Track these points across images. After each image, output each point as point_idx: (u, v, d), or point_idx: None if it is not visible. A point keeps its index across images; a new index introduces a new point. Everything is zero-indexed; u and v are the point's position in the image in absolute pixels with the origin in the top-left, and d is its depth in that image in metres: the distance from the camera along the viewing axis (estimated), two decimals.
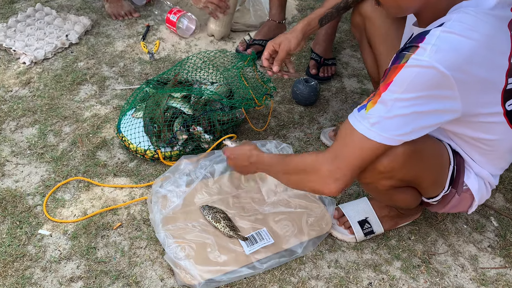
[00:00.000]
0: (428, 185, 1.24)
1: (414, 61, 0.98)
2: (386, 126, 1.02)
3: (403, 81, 0.99)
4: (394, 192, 1.24)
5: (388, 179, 1.16)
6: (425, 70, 0.97)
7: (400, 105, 1.00)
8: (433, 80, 0.98)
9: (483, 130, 1.14)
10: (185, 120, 1.67)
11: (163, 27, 2.37)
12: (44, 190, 1.61)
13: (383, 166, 1.11)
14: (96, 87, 2.03)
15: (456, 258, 1.45)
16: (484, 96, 1.06)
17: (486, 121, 1.11)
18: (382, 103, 1.01)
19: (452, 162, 1.22)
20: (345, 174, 1.08)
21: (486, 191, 1.30)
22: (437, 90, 0.99)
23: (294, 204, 1.51)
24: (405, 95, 0.99)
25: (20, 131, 1.82)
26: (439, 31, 0.99)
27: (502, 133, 1.15)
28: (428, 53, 0.97)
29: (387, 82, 1.01)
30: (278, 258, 1.38)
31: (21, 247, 1.43)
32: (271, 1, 2.22)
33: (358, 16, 1.51)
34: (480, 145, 1.19)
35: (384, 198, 1.34)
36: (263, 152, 1.33)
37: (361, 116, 1.04)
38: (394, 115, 1.01)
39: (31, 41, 2.22)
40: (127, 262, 1.40)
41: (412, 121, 1.02)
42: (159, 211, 1.46)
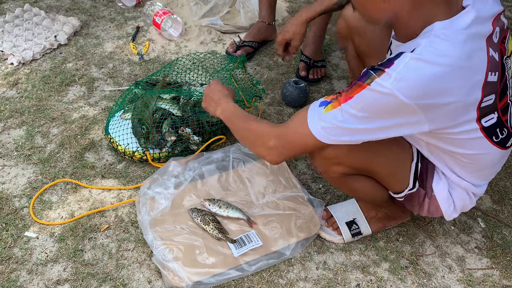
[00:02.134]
0: (385, 176, 1.24)
1: (376, 86, 0.98)
2: (335, 132, 1.06)
3: (362, 101, 1.01)
4: (350, 180, 1.26)
5: (337, 165, 1.20)
6: (385, 97, 0.98)
7: (354, 120, 1.03)
8: (392, 106, 0.99)
9: (458, 145, 1.12)
10: (174, 122, 1.66)
11: (153, 28, 2.36)
12: (31, 192, 1.59)
13: (328, 153, 1.17)
14: (85, 88, 2.01)
15: (443, 259, 1.46)
16: (456, 118, 1.04)
17: (460, 138, 1.09)
18: (340, 111, 1.04)
19: (415, 159, 1.22)
20: (286, 153, 1.17)
21: (469, 200, 1.28)
22: (396, 115, 1.00)
23: (282, 206, 1.51)
24: (361, 113, 1.01)
25: (7, 133, 1.80)
26: (408, 57, 0.96)
27: (482, 148, 1.13)
28: (391, 80, 0.96)
29: (349, 96, 1.03)
30: (267, 260, 1.38)
31: (7, 250, 1.42)
32: (260, 3, 2.23)
33: (344, 25, 1.52)
34: (457, 157, 1.16)
35: (344, 187, 1.34)
36: (232, 102, 1.39)
37: (318, 115, 1.08)
38: (346, 127, 1.04)
39: (19, 42, 2.20)
40: (115, 265, 1.39)
41: (364, 134, 1.05)
42: (147, 213, 1.45)
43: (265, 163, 1.64)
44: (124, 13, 2.47)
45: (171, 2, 2.55)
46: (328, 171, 1.24)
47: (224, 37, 2.36)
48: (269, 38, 2.31)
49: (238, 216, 1.47)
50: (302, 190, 1.56)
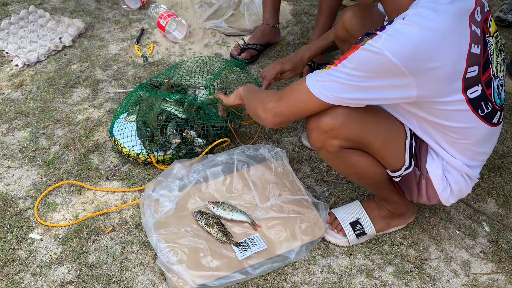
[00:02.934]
0: (380, 150, 1.26)
1: (368, 46, 1.06)
2: (329, 86, 1.13)
3: (355, 60, 1.08)
4: (347, 154, 1.26)
5: (333, 138, 1.22)
6: (376, 56, 1.05)
7: (348, 77, 1.10)
8: (382, 66, 1.06)
9: (445, 118, 1.18)
10: (178, 124, 1.66)
11: (157, 30, 2.36)
12: (35, 193, 1.59)
13: (324, 124, 1.20)
14: (89, 90, 2.02)
15: (448, 264, 1.45)
16: (442, 83, 1.10)
17: (448, 108, 1.15)
18: (334, 70, 1.11)
19: (409, 137, 1.26)
20: (283, 114, 1.23)
21: (465, 183, 1.31)
22: (385, 73, 1.07)
23: (287, 209, 1.51)
24: (354, 72, 1.09)
25: (12, 134, 1.81)
26: (398, 23, 1.06)
27: (468, 121, 1.18)
28: (382, 40, 1.05)
29: (344, 57, 1.10)
30: (271, 264, 1.38)
31: (12, 251, 1.42)
32: (264, 5, 2.23)
33: (342, 29, 1.55)
34: (447, 132, 1.21)
35: (342, 164, 1.31)
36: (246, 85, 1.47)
37: (315, 74, 1.16)
38: (340, 81, 1.11)
39: (24, 44, 2.21)
40: (119, 267, 1.39)
41: (356, 91, 1.11)
42: (151, 215, 1.45)
43: (269, 166, 1.64)
44: (128, 15, 2.48)
45: (175, 4, 2.55)
46: (325, 145, 1.24)
47: (228, 39, 2.36)
48: (273, 40, 2.31)
49: (243, 219, 1.47)
50: (307, 193, 1.56)
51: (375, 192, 1.45)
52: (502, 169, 1.76)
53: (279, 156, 1.67)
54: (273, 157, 1.66)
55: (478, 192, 1.67)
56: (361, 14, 1.49)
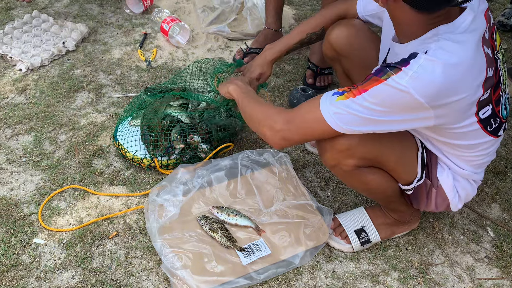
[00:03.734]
0: (394, 165, 1.26)
1: (393, 82, 1.03)
2: (346, 119, 1.09)
3: (378, 96, 1.05)
4: (361, 173, 1.25)
5: (349, 158, 1.20)
6: (400, 94, 1.03)
7: (367, 111, 1.07)
8: (406, 103, 1.04)
9: (456, 138, 1.19)
10: (182, 129, 1.66)
11: (160, 35, 2.37)
12: (39, 198, 1.59)
13: (340, 144, 1.18)
14: (93, 95, 2.02)
15: (453, 269, 1.45)
16: (460, 114, 1.11)
17: (459, 131, 1.16)
18: (353, 102, 1.08)
19: (420, 148, 1.26)
20: (292, 138, 1.19)
21: (471, 188, 1.33)
22: (407, 111, 1.06)
23: (291, 214, 1.50)
24: (375, 107, 1.06)
25: (15, 139, 1.81)
26: (423, 58, 1.02)
27: (477, 138, 1.20)
28: (407, 78, 1.02)
29: (364, 88, 1.07)
30: (275, 269, 1.37)
31: (16, 256, 1.42)
32: (267, 10, 2.23)
33: (330, 49, 1.50)
34: (455, 148, 1.23)
35: (356, 181, 1.30)
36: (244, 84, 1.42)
37: (330, 101, 1.11)
38: (360, 116, 1.08)
39: (27, 48, 2.21)
40: (123, 272, 1.39)
41: (374, 125, 1.09)
42: (155, 220, 1.45)
43: (273, 170, 1.64)
44: (131, 19, 2.49)
45: (178, 9, 2.56)
46: (340, 164, 1.23)
47: (231, 44, 2.37)
48: None
49: (247, 224, 1.47)
50: (311, 198, 1.56)
51: (384, 204, 1.45)
52: (506, 173, 1.76)
53: (283, 161, 1.67)
54: (277, 162, 1.66)
55: (482, 197, 1.67)
56: (347, 33, 1.44)
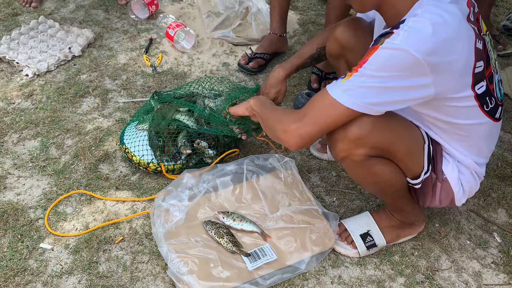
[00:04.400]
0: (403, 157, 1.27)
1: (388, 44, 1.08)
2: (357, 94, 1.12)
3: (377, 61, 1.09)
4: (372, 163, 1.25)
5: (360, 147, 1.20)
6: (397, 52, 1.06)
7: (372, 80, 1.10)
8: (404, 62, 1.06)
9: (456, 115, 1.21)
10: (189, 135, 1.67)
11: (165, 40, 2.38)
12: (46, 203, 1.60)
13: (352, 134, 1.17)
14: (99, 100, 2.03)
15: (459, 275, 1.44)
16: (457, 78, 1.13)
17: (458, 105, 1.18)
18: (357, 76, 1.11)
19: (426, 141, 1.28)
20: (310, 134, 1.18)
21: (474, 182, 1.34)
22: (408, 71, 1.08)
23: (297, 219, 1.50)
24: (378, 73, 1.09)
25: (22, 144, 1.82)
26: (412, 20, 1.08)
27: (476, 117, 1.22)
28: (400, 37, 1.06)
29: (363, 61, 1.11)
30: (281, 274, 1.37)
31: (23, 261, 1.42)
32: (272, 15, 2.24)
33: (336, 45, 1.52)
34: (455, 131, 1.25)
35: (365, 173, 1.29)
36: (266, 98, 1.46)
37: (336, 85, 1.14)
38: (367, 86, 1.10)
39: (34, 54, 2.23)
40: (129, 277, 1.39)
41: (383, 94, 1.11)
42: (161, 225, 1.45)
43: (278, 175, 1.64)
44: (137, 25, 2.50)
45: (183, 14, 2.57)
46: (351, 154, 1.22)
47: (236, 49, 2.38)
48: (280, 50, 2.32)
49: (252, 229, 1.47)
50: (316, 204, 1.56)
51: (392, 201, 1.44)
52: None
53: (288, 166, 1.67)
54: (282, 167, 1.66)
55: (489, 202, 1.67)
56: (353, 26, 1.50)
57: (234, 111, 1.50)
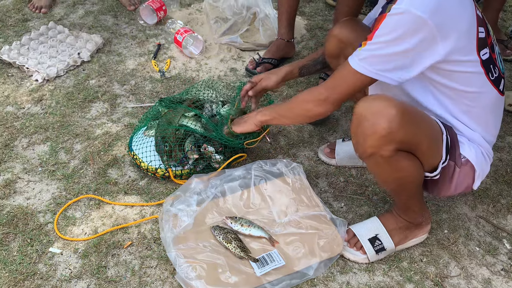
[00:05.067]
0: (426, 149, 1.29)
1: (394, 10, 1.16)
2: (372, 62, 1.21)
3: (386, 27, 1.17)
4: (398, 158, 1.25)
5: (390, 143, 1.21)
6: (404, 16, 1.14)
7: (384, 46, 1.18)
8: (412, 24, 1.14)
9: (463, 82, 1.26)
10: (196, 140, 1.67)
11: (174, 46, 2.40)
12: (55, 207, 1.61)
13: (383, 128, 1.19)
14: (108, 105, 2.04)
15: (469, 281, 1.43)
16: (462, 38, 1.20)
17: (464, 70, 1.24)
18: (370, 44, 1.21)
19: (444, 131, 1.31)
20: (339, 98, 1.32)
21: (485, 162, 1.37)
22: (417, 33, 1.15)
23: (305, 225, 1.50)
24: (389, 37, 1.17)
25: (32, 148, 1.84)
26: None
27: (482, 85, 1.28)
28: (405, 1, 1.14)
29: (375, 29, 1.19)
30: (289, 280, 1.37)
31: (32, 265, 1.43)
32: (280, 20, 2.25)
33: (335, 42, 1.57)
34: (461, 100, 1.29)
35: (390, 171, 1.30)
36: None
37: (355, 54, 1.25)
38: (379, 54, 1.20)
39: (43, 59, 2.25)
40: (138, 282, 1.40)
41: (395, 59, 1.19)
42: (170, 230, 1.46)
43: (286, 181, 1.64)
44: (145, 30, 2.52)
45: (191, 20, 2.59)
46: (380, 150, 1.22)
47: (243, 54, 2.39)
48: (288, 55, 2.33)
49: (260, 234, 1.47)
50: (325, 209, 1.56)
51: (406, 200, 1.43)
52: None
53: (296, 171, 1.67)
54: (290, 172, 1.66)
55: (498, 208, 1.66)
56: (350, 24, 1.57)
57: (242, 130, 1.59)
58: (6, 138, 1.87)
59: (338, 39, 1.56)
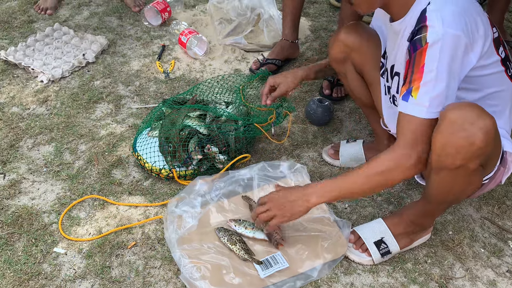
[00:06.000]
0: (495, 161, 1.28)
1: (432, 38, 1.14)
2: (438, 104, 1.17)
3: (434, 59, 1.14)
4: (478, 172, 1.21)
5: (480, 156, 1.16)
6: (445, 41, 1.13)
7: (439, 80, 1.15)
8: (453, 43, 1.14)
9: (486, 84, 1.26)
10: (200, 140, 1.68)
11: (178, 47, 2.40)
12: (59, 208, 1.62)
13: (481, 141, 1.12)
14: (112, 106, 2.05)
15: (474, 283, 1.43)
16: (484, 42, 1.20)
17: (489, 72, 1.24)
18: (425, 85, 1.16)
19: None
20: (423, 152, 1.20)
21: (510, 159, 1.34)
22: (458, 50, 1.15)
23: (309, 227, 1.50)
24: (440, 68, 1.14)
25: (37, 149, 1.85)
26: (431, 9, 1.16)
27: (502, 83, 1.28)
28: (438, 25, 1.14)
29: (419, 69, 1.16)
30: (293, 282, 1.37)
31: (37, 265, 1.44)
32: (284, 21, 2.25)
33: (341, 47, 1.56)
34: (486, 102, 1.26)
35: (464, 184, 1.25)
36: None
37: (415, 104, 1.18)
38: (440, 93, 1.16)
39: (49, 60, 2.26)
40: (141, 282, 1.40)
41: (451, 88, 1.17)
42: (174, 231, 1.46)
43: (289, 183, 1.64)
44: (150, 32, 2.53)
45: (195, 21, 2.59)
46: (470, 162, 1.16)
47: (247, 55, 2.39)
48: (292, 56, 2.33)
49: (264, 237, 1.47)
50: (328, 211, 1.55)
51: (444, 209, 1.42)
52: None
53: (300, 173, 1.67)
54: (294, 174, 1.66)
55: (503, 209, 1.65)
56: (355, 28, 1.56)
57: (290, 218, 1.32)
58: (11, 138, 1.88)
59: (344, 44, 1.55)
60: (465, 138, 1.12)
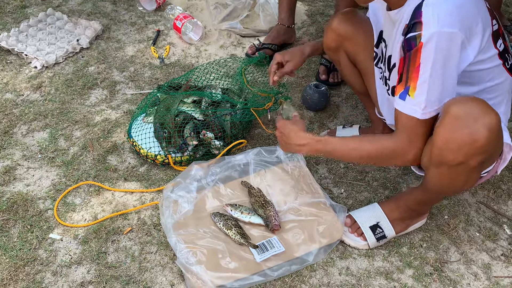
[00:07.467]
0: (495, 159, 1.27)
1: (426, 37, 1.10)
2: (434, 104, 1.16)
3: (429, 59, 1.11)
4: (478, 169, 1.21)
5: (482, 153, 1.14)
6: (439, 39, 1.10)
7: (436, 79, 1.13)
8: (447, 42, 1.11)
9: (485, 78, 1.24)
10: (195, 126, 1.67)
11: (173, 32, 2.38)
12: (55, 194, 1.61)
13: (484, 138, 1.10)
14: (107, 92, 2.03)
15: (469, 267, 1.44)
16: (482, 37, 1.17)
17: (487, 67, 1.21)
18: (421, 86, 1.14)
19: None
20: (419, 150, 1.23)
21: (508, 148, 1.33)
22: (454, 47, 1.12)
23: (304, 212, 1.50)
24: (435, 66, 1.11)
25: (31, 135, 1.83)
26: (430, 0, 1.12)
27: (500, 76, 1.26)
28: (433, 24, 1.10)
29: (415, 68, 1.14)
30: (289, 266, 1.37)
31: (32, 251, 1.44)
32: (280, 6, 2.23)
33: (334, 36, 1.54)
34: (485, 95, 1.24)
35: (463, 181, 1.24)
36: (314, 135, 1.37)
37: (412, 104, 1.18)
38: (436, 92, 1.14)
39: (42, 46, 2.23)
40: (138, 267, 1.40)
41: (447, 86, 1.15)
42: (170, 216, 1.46)
43: (285, 168, 1.63)
44: (144, 17, 2.50)
45: (191, 6, 2.56)
46: (471, 159, 1.15)
47: (243, 40, 2.36)
48: (288, 41, 2.31)
49: (260, 222, 1.47)
50: (324, 196, 1.55)
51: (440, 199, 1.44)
52: None
53: (296, 158, 1.66)
54: (290, 159, 1.66)
55: (499, 194, 1.65)
56: (348, 16, 1.53)
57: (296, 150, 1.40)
58: (5, 125, 1.87)
59: (336, 33, 1.53)
60: (469, 134, 1.10)
